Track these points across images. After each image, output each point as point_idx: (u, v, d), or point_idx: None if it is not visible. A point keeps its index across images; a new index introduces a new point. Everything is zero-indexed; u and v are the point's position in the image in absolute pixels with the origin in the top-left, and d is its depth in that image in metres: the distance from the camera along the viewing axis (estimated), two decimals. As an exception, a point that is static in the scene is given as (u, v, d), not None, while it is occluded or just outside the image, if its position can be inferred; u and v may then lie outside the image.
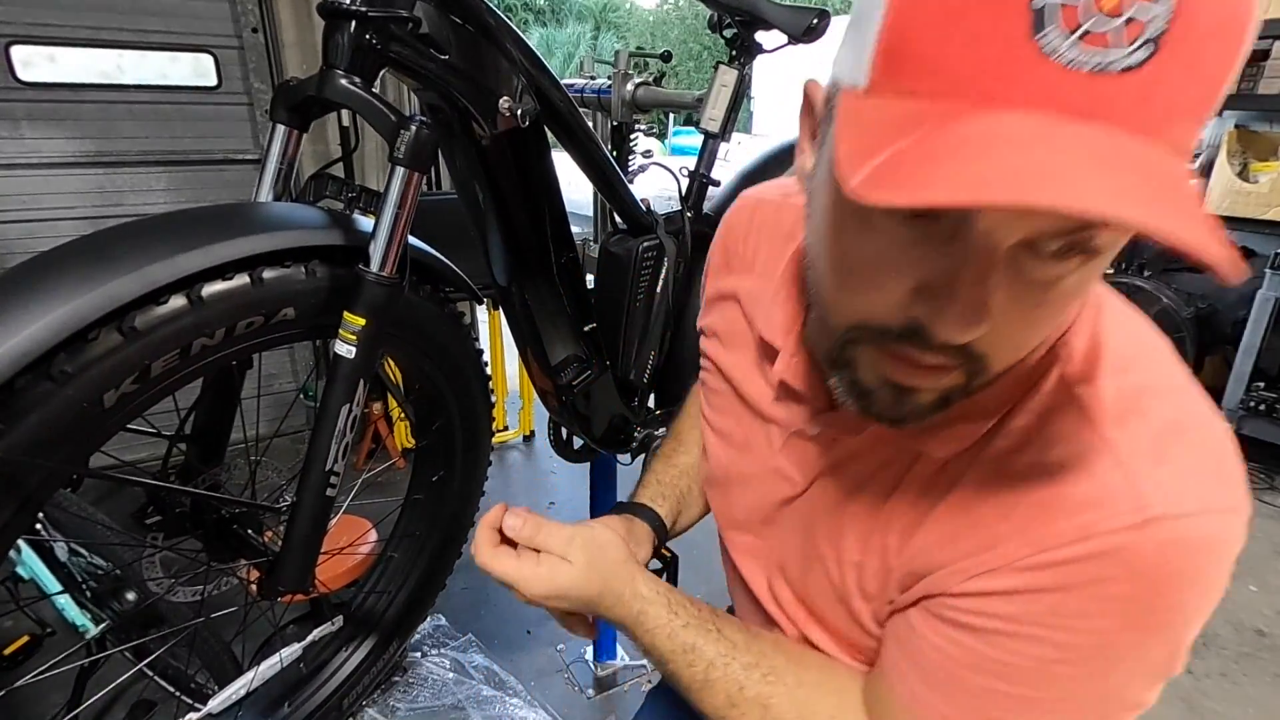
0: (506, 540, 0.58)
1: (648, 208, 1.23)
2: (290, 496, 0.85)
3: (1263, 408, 2.48)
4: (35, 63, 2.08)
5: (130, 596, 1.27)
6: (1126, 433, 0.42)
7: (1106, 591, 0.41)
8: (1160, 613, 0.41)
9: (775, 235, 0.63)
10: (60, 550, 1.28)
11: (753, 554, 0.65)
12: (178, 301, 0.67)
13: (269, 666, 1.07)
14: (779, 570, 0.62)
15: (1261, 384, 2.52)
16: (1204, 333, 2.69)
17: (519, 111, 0.85)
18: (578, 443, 1.33)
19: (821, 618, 0.58)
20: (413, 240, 0.88)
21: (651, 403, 1.35)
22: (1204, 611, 0.42)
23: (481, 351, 1.13)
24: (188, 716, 1.01)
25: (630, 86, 1.44)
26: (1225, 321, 2.66)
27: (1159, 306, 2.65)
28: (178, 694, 1.25)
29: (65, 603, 1.32)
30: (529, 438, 2.87)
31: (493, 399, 1.18)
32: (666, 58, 1.51)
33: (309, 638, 1.11)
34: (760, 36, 1.27)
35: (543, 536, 0.57)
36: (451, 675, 1.65)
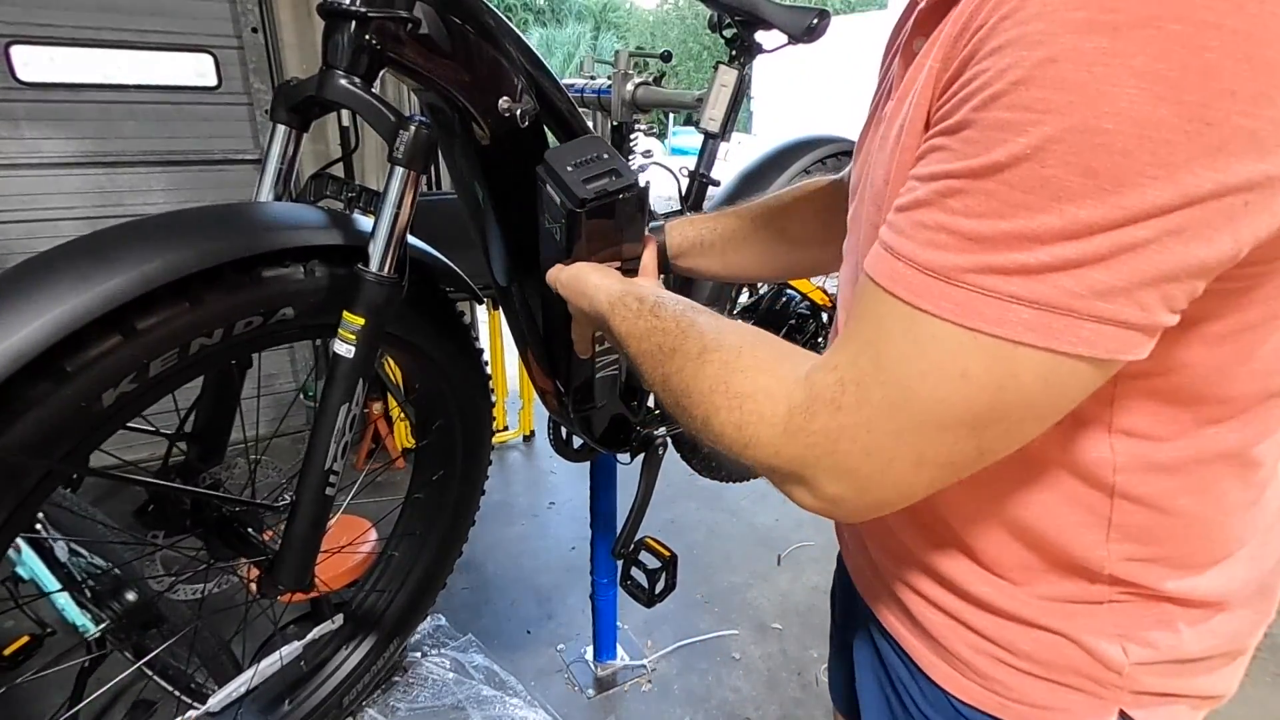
0: None
1: (647, 207, 1.23)
2: (290, 495, 0.85)
3: None
4: (35, 63, 2.08)
5: (130, 595, 1.27)
6: None
7: None
8: (1139, 2, 0.30)
9: None
10: (60, 549, 1.28)
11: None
12: (176, 301, 0.67)
13: (269, 665, 1.07)
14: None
15: None
16: None
17: (519, 112, 0.85)
18: (578, 442, 1.33)
19: None
20: (412, 240, 0.88)
21: (651, 402, 1.35)
22: (1233, 32, 0.29)
23: (481, 351, 1.13)
24: (188, 715, 1.02)
25: (630, 86, 1.44)
26: None
27: None
28: (177, 693, 1.25)
29: (65, 602, 1.33)
30: (529, 438, 2.88)
31: (493, 399, 1.18)
32: (666, 58, 1.51)
33: (309, 636, 1.11)
34: (760, 36, 1.27)
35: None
36: (451, 675, 1.66)
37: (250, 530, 0.95)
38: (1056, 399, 0.37)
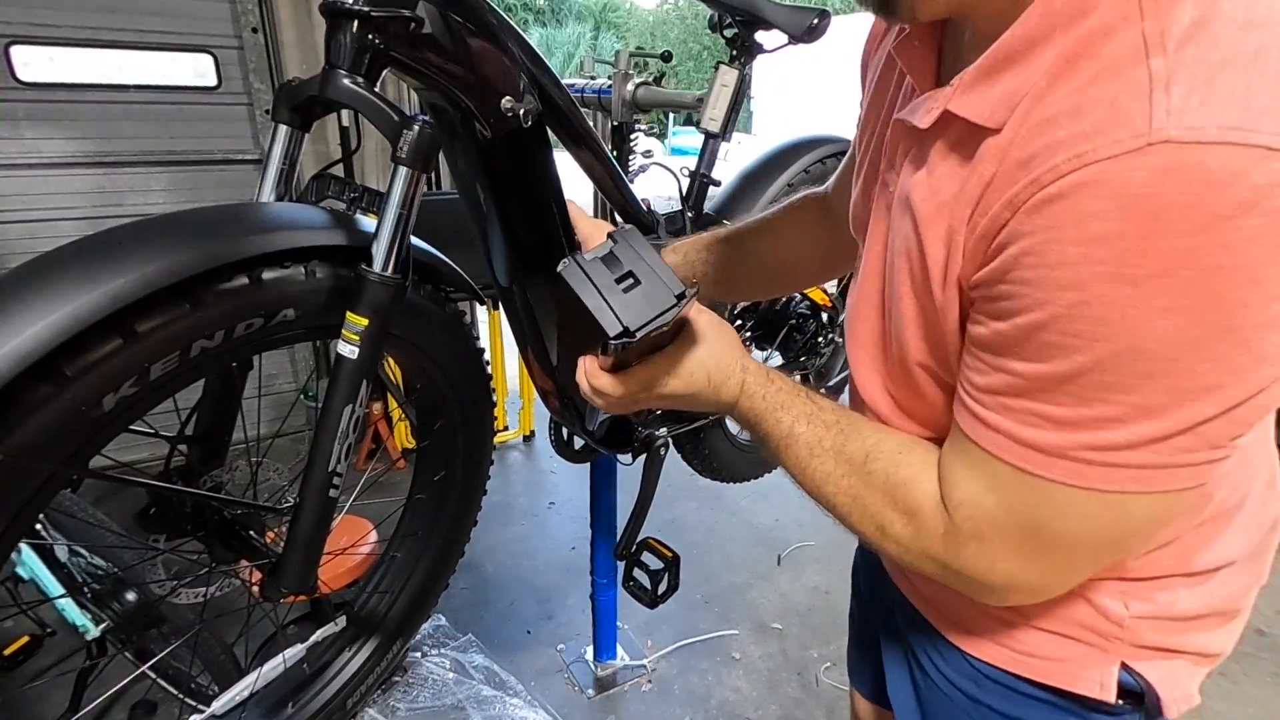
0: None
1: (648, 208, 1.23)
2: (292, 497, 0.85)
3: None
4: (35, 63, 2.08)
5: (131, 597, 1.27)
6: (1177, 58, 0.35)
7: (1088, 231, 0.37)
8: (1153, 258, 0.35)
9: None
10: (61, 551, 1.28)
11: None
12: (177, 304, 0.67)
13: (272, 667, 1.06)
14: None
15: None
16: None
17: (521, 111, 0.84)
18: (578, 443, 1.33)
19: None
20: (415, 240, 0.88)
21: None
22: (1233, 267, 0.35)
23: (482, 351, 1.13)
24: (191, 718, 1.01)
25: (630, 86, 1.44)
26: None
27: None
28: (180, 695, 1.25)
29: (66, 604, 1.32)
30: (529, 438, 2.87)
31: (493, 399, 1.18)
32: (666, 58, 1.51)
33: (312, 638, 1.11)
34: (760, 36, 1.27)
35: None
36: (451, 675, 1.65)
37: (252, 532, 0.95)
38: (1167, 516, 0.45)
